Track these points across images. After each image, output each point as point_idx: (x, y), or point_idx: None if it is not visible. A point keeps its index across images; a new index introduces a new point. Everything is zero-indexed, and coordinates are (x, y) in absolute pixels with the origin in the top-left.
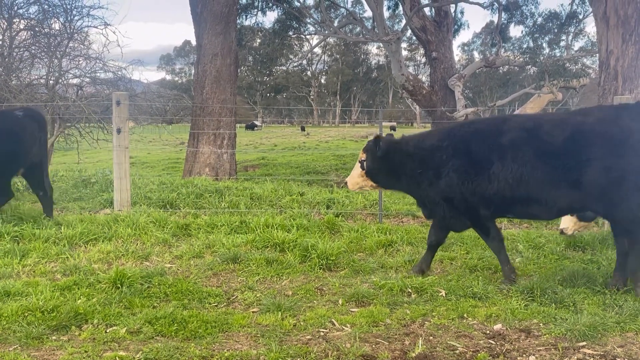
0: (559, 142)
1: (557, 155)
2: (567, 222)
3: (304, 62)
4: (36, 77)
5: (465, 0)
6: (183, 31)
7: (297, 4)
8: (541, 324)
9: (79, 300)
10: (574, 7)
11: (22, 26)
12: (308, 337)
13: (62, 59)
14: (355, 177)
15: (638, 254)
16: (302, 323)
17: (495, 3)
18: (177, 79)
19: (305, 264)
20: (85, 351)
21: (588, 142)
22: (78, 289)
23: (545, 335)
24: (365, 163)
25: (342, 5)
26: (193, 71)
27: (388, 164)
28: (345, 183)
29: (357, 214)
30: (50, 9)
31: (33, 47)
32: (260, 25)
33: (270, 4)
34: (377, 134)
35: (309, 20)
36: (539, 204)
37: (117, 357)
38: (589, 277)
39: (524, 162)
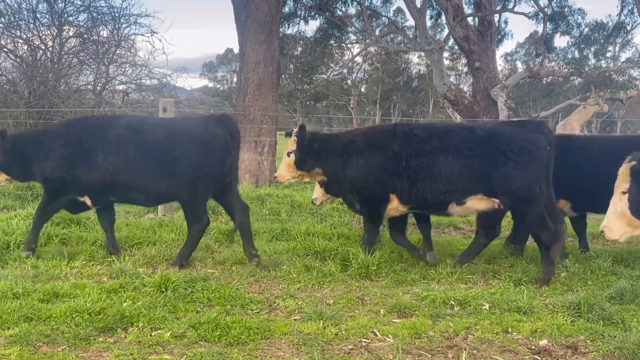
0: (160, 140)
1: (157, 151)
2: (317, 193)
3: (345, 70)
4: (84, 83)
5: (510, 10)
6: (226, 39)
7: (339, 13)
8: (588, 341)
9: (125, 303)
10: (622, 17)
11: (71, 33)
12: (350, 346)
13: (109, 65)
14: None
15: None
16: (344, 332)
17: (540, 13)
18: (219, 86)
19: (346, 273)
20: (131, 354)
21: (183, 142)
22: (124, 292)
23: (592, 352)
24: None
25: (384, 14)
26: (235, 79)
27: (15, 155)
28: None
29: None
30: (99, 17)
31: (81, 54)
32: (302, 33)
33: (313, 13)
34: (3, 128)
35: (350, 29)
36: (140, 191)
37: None
38: (638, 294)
39: (127, 154)
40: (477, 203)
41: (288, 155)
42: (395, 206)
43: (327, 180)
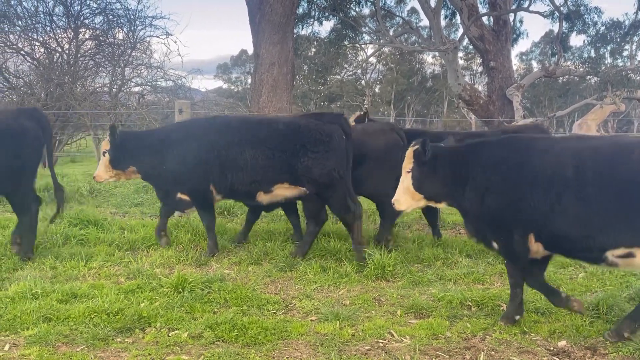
0: None
1: None
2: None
3: (359, 71)
4: (100, 85)
5: (525, 9)
6: (240, 40)
7: (353, 13)
8: (608, 342)
9: (142, 304)
10: (639, 16)
11: (87, 36)
12: (367, 347)
13: (125, 67)
14: None
15: None
16: (360, 333)
17: (556, 12)
18: (233, 87)
19: (362, 274)
20: (149, 354)
21: None
22: (141, 292)
23: (612, 353)
24: None
25: (398, 14)
26: (249, 80)
27: None
28: None
29: (413, 224)
30: (115, 19)
31: (97, 56)
32: (316, 34)
33: (327, 14)
34: None
35: (364, 30)
36: None
37: None
38: None
39: None
40: (285, 191)
41: (104, 154)
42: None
43: (142, 177)
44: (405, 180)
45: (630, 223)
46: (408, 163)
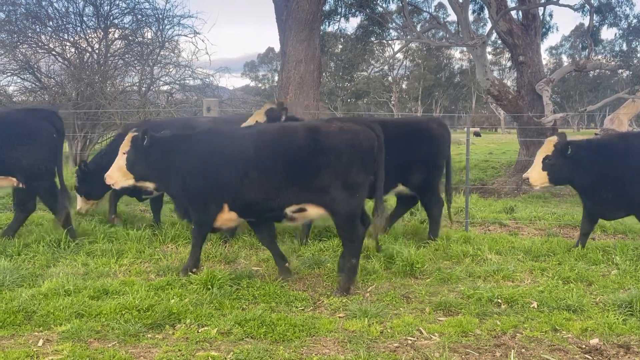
0: None
1: None
2: (79, 204)
3: (386, 67)
4: (129, 84)
5: (555, 3)
6: (267, 38)
7: (379, 9)
8: None
9: (172, 300)
10: None
11: (116, 36)
12: (395, 344)
13: (154, 66)
14: None
15: None
16: (389, 330)
17: (586, 5)
18: (260, 85)
19: (390, 271)
20: (179, 350)
21: None
22: (171, 289)
23: None
24: None
25: (425, 10)
26: (276, 78)
27: None
28: None
29: (441, 221)
30: (143, 18)
31: (127, 56)
32: (342, 31)
33: (353, 10)
34: None
35: (391, 26)
36: None
37: (209, 357)
38: None
39: None
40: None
41: None
42: None
43: None
44: (121, 160)
45: (296, 186)
46: (126, 146)
